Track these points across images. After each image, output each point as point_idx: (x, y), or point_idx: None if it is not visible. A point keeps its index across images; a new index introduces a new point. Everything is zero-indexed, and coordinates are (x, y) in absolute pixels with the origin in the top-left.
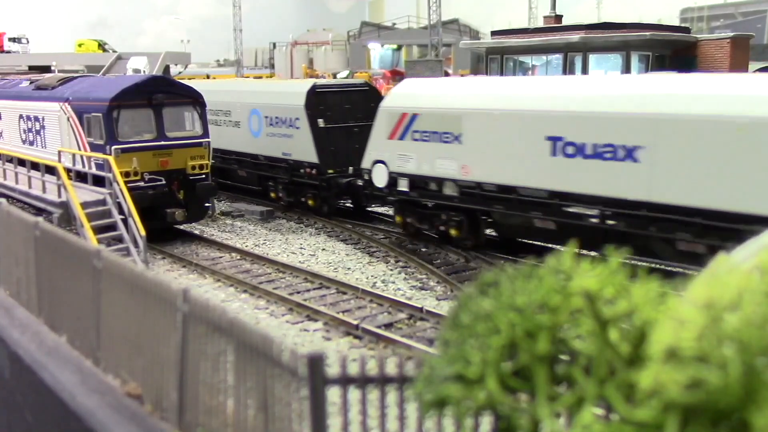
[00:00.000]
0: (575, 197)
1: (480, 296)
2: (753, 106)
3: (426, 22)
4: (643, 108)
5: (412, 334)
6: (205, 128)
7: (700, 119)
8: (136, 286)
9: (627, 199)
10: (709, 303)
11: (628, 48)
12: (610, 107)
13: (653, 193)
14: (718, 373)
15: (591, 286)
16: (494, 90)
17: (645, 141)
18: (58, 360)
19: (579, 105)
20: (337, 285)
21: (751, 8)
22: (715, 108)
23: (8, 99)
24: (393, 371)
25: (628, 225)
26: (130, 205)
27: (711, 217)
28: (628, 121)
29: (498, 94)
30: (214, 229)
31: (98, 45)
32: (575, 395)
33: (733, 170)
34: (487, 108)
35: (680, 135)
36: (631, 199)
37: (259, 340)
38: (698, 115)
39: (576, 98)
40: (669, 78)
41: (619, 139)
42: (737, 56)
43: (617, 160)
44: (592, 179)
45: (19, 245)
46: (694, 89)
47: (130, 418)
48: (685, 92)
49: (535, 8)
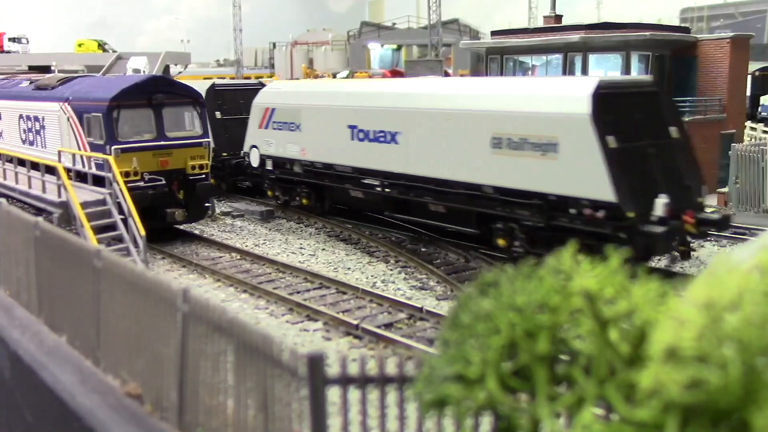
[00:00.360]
0: (367, 171)
1: (480, 296)
2: (455, 102)
3: (426, 22)
4: (399, 104)
5: (412, 334)
6: (205, 128)
7: (427, 112)
8: (136, 286)
9: (393, 172)
10: (709, 303)
11: (627, 48)
12: (381, 103)
13: (408, 167)
14: (718, 373)
15: (591, 286)
16: (319, 89)
17: (401, 128)
18: (58, 360)
19: (364, 101)
20: (337, 285)
21: (751, 8)
22: (435, 103)
23: (8, 99)
24: (393, 371)
25: (398, 192)
26: (130, 205)
27: (441, 184)
28: (391, 113)
29: (321, 92)
30: (214, 229)
31: (98, 45)
32: (575, 395)
33: (447, 148)
34: (314, 104)
35: (418, 123)
36: (395, 172)
37: (259, 340)
38: (426, 109)
39: (363, 95)
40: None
41: (387, 127)
42: (737, 56)
43: (387, 143)
44: (374, 157)
45: (19, 245)
46: (426, 89)
47: (130, 418)
48: (420, 91)
49: (535, 8)
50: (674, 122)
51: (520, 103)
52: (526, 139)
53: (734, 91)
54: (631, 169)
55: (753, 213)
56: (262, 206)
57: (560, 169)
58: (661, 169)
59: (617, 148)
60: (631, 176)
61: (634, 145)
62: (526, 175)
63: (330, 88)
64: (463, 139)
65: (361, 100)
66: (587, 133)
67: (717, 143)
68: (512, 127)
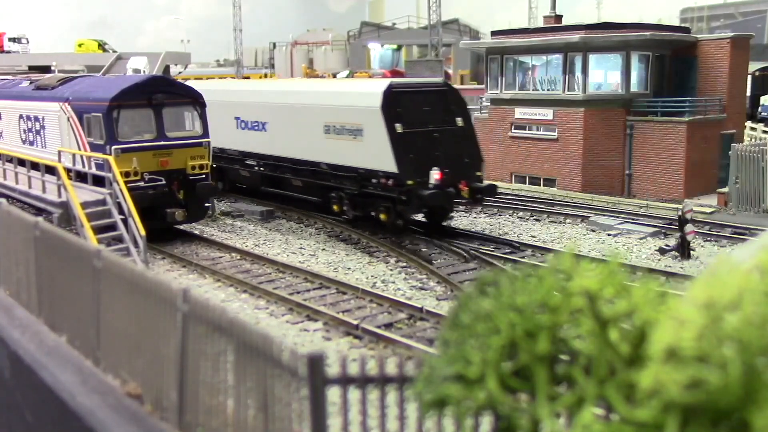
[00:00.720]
0: (248, 154)
1: (480, 296)
2: (301, 98)
3: (426, 22)
4: (266, 99)
5: (412, 334)
6: (205, 128)
7: (284, 105)
8: (136, 286)
9: (264, 154)
10: (709, 303)
11: (628, 48)
12: (255, 99)
13: (274, 150)
14: (718, 373)
15: (591, 286)
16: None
17: (268, 119)
18: (58, 360)
19: (244, 97)
20: (337, 285)
21: (751, 8)
22: (289, 99)
23: (8, 99)
24: (393, 371)
25: (269, 170)
26: (130, 205)
27: (295, 163)
28: (261, 106)
29: (218, 90)
30: (214, 229)
31: (98, 45)
32: (575, 395)
33: (297, 134)
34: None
35: (278, 115)
36: (266, 154)
37: (259, 340)
38: (283, 103)
39: (244, 92)
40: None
41: (259, 118)
42: (737, 56)
43: (259, 131)
44: (252, 143)
45: (19, 245)
46: (285, 88)
47: (130, 418)
48: (281, 89)
49: (535, 8)
50: (461, 114)
51: (341, 99)
52: (344, 126)
53: (734, 91)
54: (414, 149)
55: (753, 213)
56: (262, 206)
57: (365, 149)
58: (444, 149)
59: (402, 133)
60: (413, 154)
61: (418, 131)
62: (346, 154)
63: (223, 87)
64: (306, 127)
65: (242, 97)
66: (379, 121)
67: (717, 143)
68: (336, 117)
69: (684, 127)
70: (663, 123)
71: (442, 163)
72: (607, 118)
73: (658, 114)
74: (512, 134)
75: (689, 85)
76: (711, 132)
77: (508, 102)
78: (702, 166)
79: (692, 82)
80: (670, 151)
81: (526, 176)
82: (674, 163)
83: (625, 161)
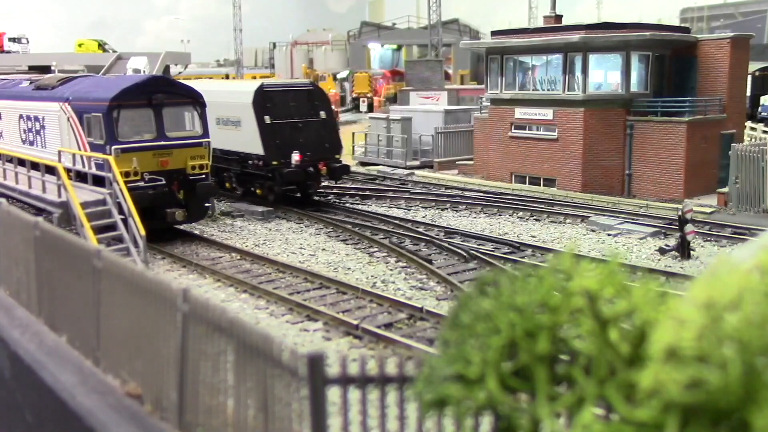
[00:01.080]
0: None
1: (480, 296)
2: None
3: (426, 22)
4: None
5: (412, 334)
6: (205, 128)
7: None
8: (136, 286)
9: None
10: (709, 303)
11: (628, 48)
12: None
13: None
14: (718, 373)
15: (591, 286)
16: None
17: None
18: (58, 360)
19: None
20: (337, 285)
21: (751, 8)
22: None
23: (8, 99)
24: (393, 371)
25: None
26: (130, 205)
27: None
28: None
29: None
30: (214, 229)
31: (98, 45)
32: (575, 395)
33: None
34: None
35: None
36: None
37: (259, 340)
38: None
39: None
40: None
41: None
42: (737, 56)
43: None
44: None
45: (19, 245)
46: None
47: (130, 418)
48: None
49: (535, 8)
50: (324, 109)
51: (226, 97)
52: (229, 119)
53: (734, 91)
54: (279, 136)
55: (753, 213)
56: (262, 206)
57: (243, 137)
58: (306, 137)
59: (270, 123)
60: (278, 140)
61: (284, 122)
62: (231, 141)
63: None
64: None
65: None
66: (252, 114)
67: (717, 143)
68: (224, 111)
69: (684, 127)
70: (663, 123)
71: (304, 148)
72: (607, 118)
73: (658, 114)
74: (512, 134)
75: (689, 85)
76: (711, 132)
77: (508, 102)
78: (702, 166)
79: (692, 82)
80: (670, 151)
81: (526, 176)
82: (674, 163)
83: (625, 161)
